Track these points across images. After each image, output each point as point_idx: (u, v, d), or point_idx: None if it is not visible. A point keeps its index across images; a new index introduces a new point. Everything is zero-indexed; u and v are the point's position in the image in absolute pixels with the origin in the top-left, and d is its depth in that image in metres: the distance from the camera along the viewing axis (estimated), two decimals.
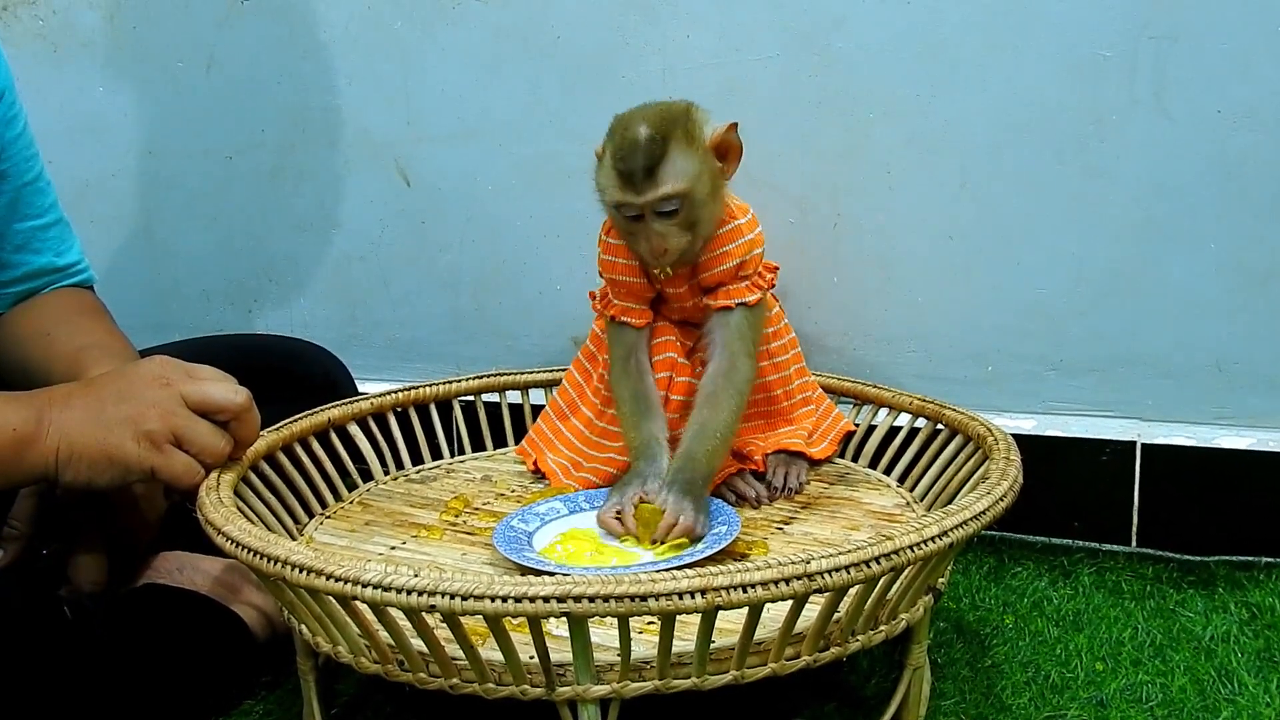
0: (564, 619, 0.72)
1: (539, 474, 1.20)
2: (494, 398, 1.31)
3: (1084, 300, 1.30)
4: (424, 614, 0.74)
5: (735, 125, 1.07)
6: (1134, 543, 1.28)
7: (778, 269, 1.14)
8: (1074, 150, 1.26)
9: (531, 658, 0.77)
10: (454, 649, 0.78)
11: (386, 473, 1.21)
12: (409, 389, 1.24)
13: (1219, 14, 1.19)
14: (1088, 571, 1.23)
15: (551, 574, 0.77)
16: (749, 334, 1.10)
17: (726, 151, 1.08)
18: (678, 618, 0.75)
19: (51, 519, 1.03)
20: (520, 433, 1.27)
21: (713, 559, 0.94)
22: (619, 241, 1.12)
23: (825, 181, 1.34)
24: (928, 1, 1.27)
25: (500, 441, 1.29)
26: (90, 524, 1.02)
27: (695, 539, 0.99)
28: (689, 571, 0.72)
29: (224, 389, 0.98)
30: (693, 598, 0.72)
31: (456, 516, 1.10)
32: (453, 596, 0.72)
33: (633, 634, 0.77)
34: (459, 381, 1.28)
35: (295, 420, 1.12)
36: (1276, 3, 1.18)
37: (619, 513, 1.02)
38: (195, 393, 0.96)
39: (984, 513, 0.84)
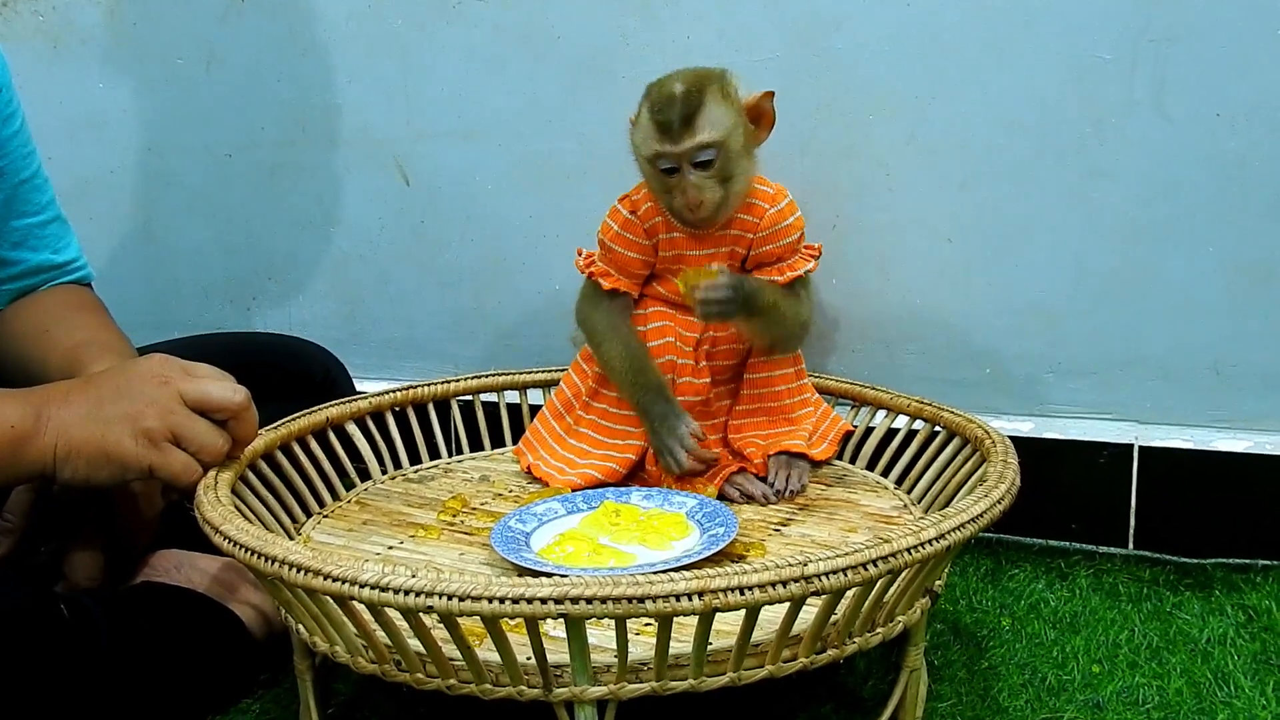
0: (561, 620, 0.72)
1: (534, 475, 1.20)
2: (492, 398, 1.31)
3: (1082, 302, 1.30)
4: (421, 614, 0.74)
5: (771, 94, 1.10)
6: (1131, 545, 1.28)
7: (820, 250, 1.17)
8: (1073, 152, 1.26)
9: (529, 659, 0.77)
10: (451, 649, 0.78)
11: (384, 472, 1.21)
12: (407, 388, 1.24)
13: (1218, 16, 1.19)
14: (1085, 574, 1.23)
15: (549, 575, 0.77)
16: (808, 297, 1.16)
17: (759, 116, 1.11)
18: (675, 619, 0.75)
19: (49, 516, 1.03)
20: (518, 433, 1.27)
21: (710, 560, 0.94)
22: (632, 216, 1.13)
23: (824, 182, 1.34)
24: (928, 2, 1.27)
25: (498, 441, 1.29)
26: (88, 522, 1.03)
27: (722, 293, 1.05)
28: (686, 573, 0.72)
29: (222, 387, 0.98)
30: (690, 599, 0.72)
31: (454, 516, 1.10)
32: (450, 597, 0.71)
33: (630, 635, 0.77)
34: (457, 381, 1.28)
35: (293, 419, 1.12)
36: (1275, 5, 1.18)
37: (694, 457, 1.08)
38: (194, 391, 0.96)
39: (981, 515, 0.85)
